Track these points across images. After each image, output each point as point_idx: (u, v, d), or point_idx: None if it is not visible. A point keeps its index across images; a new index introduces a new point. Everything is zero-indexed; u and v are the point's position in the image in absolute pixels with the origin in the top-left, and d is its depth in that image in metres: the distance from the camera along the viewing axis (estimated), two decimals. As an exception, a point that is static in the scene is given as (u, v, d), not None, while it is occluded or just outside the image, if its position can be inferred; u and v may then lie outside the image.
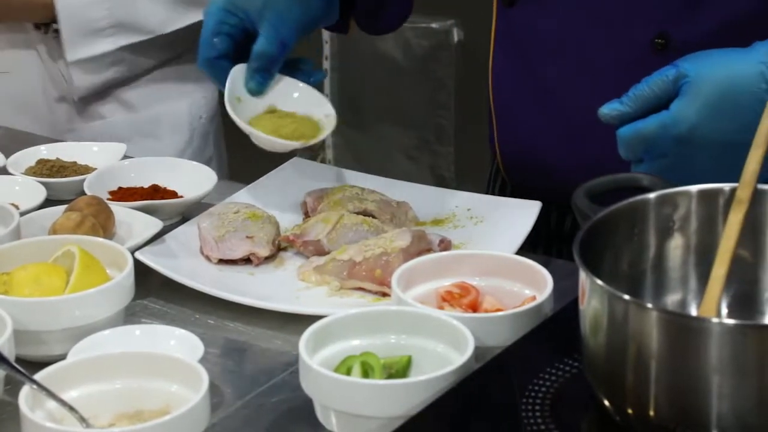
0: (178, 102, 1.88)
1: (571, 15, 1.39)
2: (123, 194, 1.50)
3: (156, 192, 1.50)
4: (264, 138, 1.39)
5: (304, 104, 1.44)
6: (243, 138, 1.44)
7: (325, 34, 2.87)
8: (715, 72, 1.17)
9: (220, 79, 1.42)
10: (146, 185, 1.52)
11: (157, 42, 1.82)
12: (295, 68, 1.45)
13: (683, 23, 1.33)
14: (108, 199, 1.46)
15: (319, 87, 1.47)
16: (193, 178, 1.51)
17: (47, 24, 1.79)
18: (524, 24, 1.43)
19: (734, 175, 1.08)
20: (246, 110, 1.42)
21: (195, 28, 1.75)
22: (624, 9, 1.35)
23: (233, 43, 1.41)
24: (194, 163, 1.55)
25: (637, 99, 1.19)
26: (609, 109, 1.20)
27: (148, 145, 1.83)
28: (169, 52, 1.85)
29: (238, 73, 1.41)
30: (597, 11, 1.37)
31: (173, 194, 1.50)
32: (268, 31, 1.39)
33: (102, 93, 1.83)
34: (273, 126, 1.41)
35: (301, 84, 1.45)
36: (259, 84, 1.41)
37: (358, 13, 1.53)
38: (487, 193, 1.58)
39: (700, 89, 1.17)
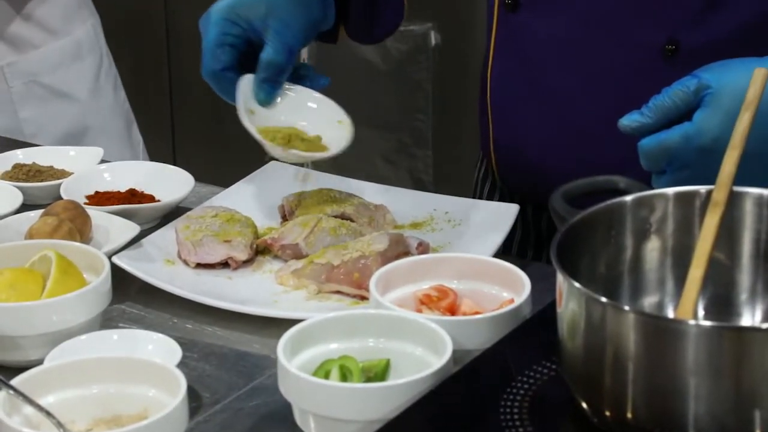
0: (85, 24, 1.99)
1: (578, 21, 1.38)
2: (100, 198, 1.49)
3: (133, 196, 1.50)
4: (281, 152, 1.37)
5: (322, 114, 1.42)
6: (220, 142, 1.43)
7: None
8: (737, 82, 1.16)
9: (227, 91, 1.40)
10: (123, 189, 1.51)
11: None
12: (297, 76, 1.43)
13: (693, 30, 1.33)
14: (85, 204, 1.45)
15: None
16: (170, 183, 1.51)
17: None
18: (529, 29, 1.42)
19: (757, 185, 1.08)
20: (260, 121, 1.39)
21: None
22: (634, 15, 1.35)
23: (237, 53, 1.40)
24: (171, 167, 1.55)
25: (657, 110, 1.18)
26: (629, 121, 1.19)
27: (76, 67, 1.94)
28: None
29: (246, 84, 1.38)
30: (607, 17, 1.36)
31: (150, 198, 1.49)
32: (274, 40, 1.37)
33: (28, 20, 1.91)
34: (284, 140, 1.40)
35: (315, 94, 1.43)
36: (268, 94, 1.40)
37: (351, 21, 1.51)
38: (474, 196, 1.58)
39: (723, 100, 1.16)
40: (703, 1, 1.32)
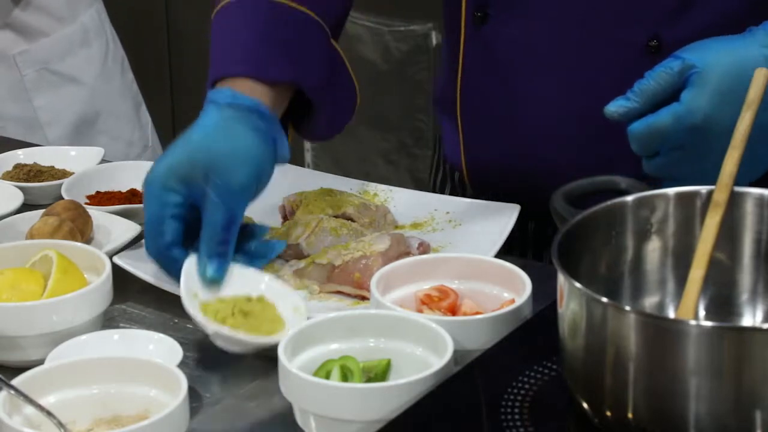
0: (90, 10, 2.00)
1: (555, 25, 1.37)
2: (101, 198, 1.49)
3: (134, 196, 1.50)
4: (228, 336, 1.17)
5: (271, 297, 1.23)
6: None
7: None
8: (721, 59, 1.17)
9: (175, 270, 1.23)
10: (124, 189, 1.51)
11: None
12: (249, 236, 1.28)
13: (674, 25, 1.33)
14: (86, 203, 1.45)
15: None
16: None
17: None
18: (499, 40, 1.42)
19: (750, 162, 1.08)
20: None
21: None
22: (614, 15, 1.35)
23: (183, 225, 1.24)
24: None
25: (643, 94, 1.18)
26: (616, 107, 1.19)
27: (84, 53, 1.96)
28: None
29: (191, 264, 1.20)
30: (585, 19, 1.36)
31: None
32: (215, 207, 1.21)
33: (35, 8, 1.92)
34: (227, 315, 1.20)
35: (266, 276, 1.24)
36: (216, 270, 1.21)
37: (311, 132, 1.42)
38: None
39: (709, 78, 1.17)
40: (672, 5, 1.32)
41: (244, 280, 1.21)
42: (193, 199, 1.23)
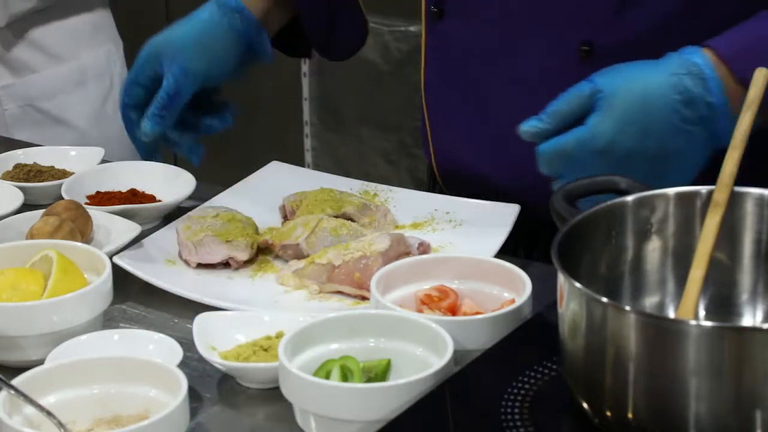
0: (96, 50, 1.95)
1: (498, 26, 1.39)
2: (101, 198, 1.50)
3: (134, 196, 1.50)
4: None
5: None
6: (221, 142, 1.44)
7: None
8: (628, 85, 1.20)
9: (128, 126, 1.49)
10: (124, 189, 1.51)
11: None
12: (208, 105, 1.50)
13: (607, 31, 1.34)
14: (86, 203, 1.45)
15: (297, 91, 1.47)
16: (172, 182, 1.51)
17: None
18: (454, 36, 1.44)
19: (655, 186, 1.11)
20: None
21: None
22: (548, 18, 1.36)
23: (146, 93, 1.47)
24: (173, 167, 1.55)
25: (554, 115, 1.21)
26: (528, 126, 1.22)
27: (78, 93, 1.91)
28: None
29: (201, 325, 1.22)
30: (526, 19, 1.38)
31: (151, 198, 1.49)
32: (168, 82, 1.44)
33: (29, 44, 1.88)
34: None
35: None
36: (151, 127, 1.45)
37: (313, 42, 1.57)
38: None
39: (615, 103, 1.20)
40: (614, 3, 1.33)
41: (261, 325, 1.21)
42: (161, 75, 1.45)
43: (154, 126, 1.45)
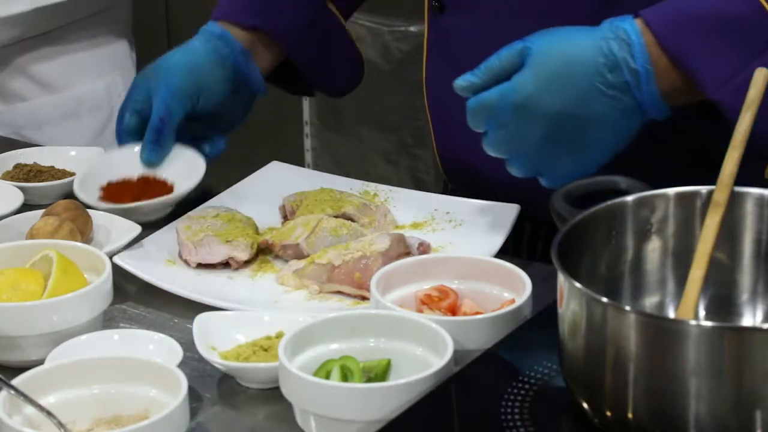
0: (95, 81, 1.89)
1: (498, 19, 1.40)
2: (115, 190, 1.48)
3: (147, 184, 1.49)
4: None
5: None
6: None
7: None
8: (555, 45, 1.23)
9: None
10: (135, 176, 1.50)
11: (71, 6, 1.82)
12: (204, 134, 1.53)
13: (597, 23, 1.34)
14: (101, 198, 1.45)
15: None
16: (182, 165, 1.50)
17: None
18: (454, 30, 1.45)
19: (570, 149, 1.18)
20: None
21: None
22: (547, 12, 1.37)
23: (140, 118, 1.50)
24: (182, 148, 1.52)
25: (487, 71, 1.25)
26: (462, 80, 1.26)
27: (70, 125, 1.86)
28: (77, 22, 1.86)
29: (201, 325, 1.22)
30: (522, 14, 1.38)
31: (163, 184, 1.49)
32: (157, 104, 1.48)
33: (20, 73, 1.83)
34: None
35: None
36: (149, 154, 1.49)
37: (308, 79, 1.60)
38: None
39: (540, 61, 1.22)
40: (596, 1, 1.34)
41: (261, 325, 1.21)
42: (151, 99, 1.49)
43: (151, 154, 1.49)
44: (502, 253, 1.33)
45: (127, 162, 1.51)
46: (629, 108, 1.22)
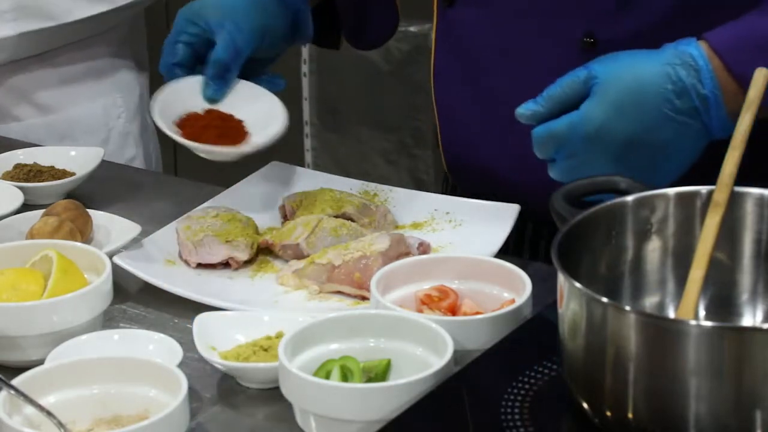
0: (92, 103, 1.83)
1: (505, 14, 1.40)
2: (194, 127, 1.45)
3: (223, 121, 1.46)
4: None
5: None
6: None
7: (305, 49, 2.88)
8: (622, 73, 1.22)
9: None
10: (200, 111, 1.47)
11: (63, 31, 1.76)
12: (257, 75, 1.49)
13: (610, 23, 1.35)
14: (177, 129, 1.43)
15: (297, 91, 1.47)
16: (258, 106, 1.48)
17: None
18: (463, 24, 1.45)
19: (642, 176, 1.13)
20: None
21: (103, 19, 1.77)
22: (553, 9, 1.37)
23: (192, 51, 1.47)
24: (252, 86, 1.49)
25: (550, 99, 1.23)
26: (524, 109, 1.24)
27: (65, 145, 1.74)
28: (74, 43, 1.80)
29: (200, 325, 1.22)
30: (529, 10, 1.38)
31: (239, 124, 1.46)
32: (224, 40, 1.44)
33: (13, 93, 1.78)
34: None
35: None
36: (215, 91, 1.46)
37: (345, 27, 1.57)
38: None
39: (608, 90, 1.21)
40: (612, 1, 1.34)
41: (261, 325, 1.21)
42: (209, 33, 1.46)
43: (217, 91, 1.46)
44: (503, 253, 1.33)
45: (192, 95, 1.49)
46: (697, 131, 1.22)
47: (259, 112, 1.48)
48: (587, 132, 1.21)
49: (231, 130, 1.47)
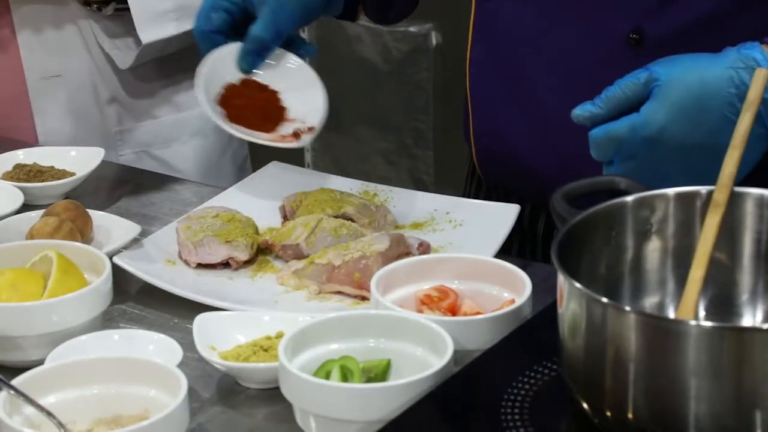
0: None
1: (548, 9, 1.40)
2: (235, 107, 1.45)
3: (269, 103, 1.46)
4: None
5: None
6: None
7: (305, 35, 2.87)
8: (685, 76, 1.20)
9: (206, 49, 1.47)
10: (235, 81, 1.47)
11: None
12: (287, 43, 1.49)
13: (657, 19, 1.34)
14: (223, 111, 1.44)
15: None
16: (291, 75, 1.49)
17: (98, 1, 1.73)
18: (502, 17, 1.44)
19: (702, 179, 1.11)
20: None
21: None
22: (600, 4, 1.36)
23: (230, 19, 1.47)
24: (289, 56, 1.51)
25: (609, 101, 1.21)
26: (582, 110, 1.22)
27: (196, 142, 1.82)
28: None
29: (200, 324, 1.22)
30: (574, 5, 1.38)
31: (275, 98, 1.47)
32: (267, 17, 1.44)
33: (150, 92, 1.81)
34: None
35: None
36: (249, 65, 1.47)
37: (367, 3, 1.57)
38: (464, 192, 1.59)
39: (671, 92, 1.19)
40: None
41: (261, 325, 1.21)
42: (248, 3, 1.46)
43: (252, 65, 1.47)
44: (505, 254, 1.33)
45: (229, 65, 1.49)
46: (759, 135, 1.20)
47: (296, 84, 1.49)
48: (649, 134, 1.20)
49: (270, 106, 1.48)
